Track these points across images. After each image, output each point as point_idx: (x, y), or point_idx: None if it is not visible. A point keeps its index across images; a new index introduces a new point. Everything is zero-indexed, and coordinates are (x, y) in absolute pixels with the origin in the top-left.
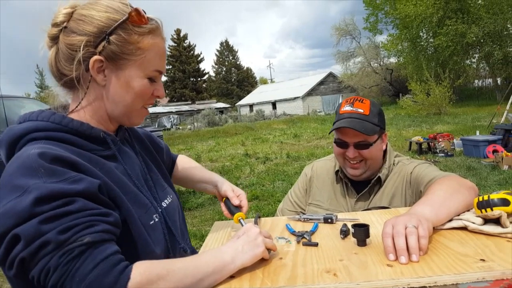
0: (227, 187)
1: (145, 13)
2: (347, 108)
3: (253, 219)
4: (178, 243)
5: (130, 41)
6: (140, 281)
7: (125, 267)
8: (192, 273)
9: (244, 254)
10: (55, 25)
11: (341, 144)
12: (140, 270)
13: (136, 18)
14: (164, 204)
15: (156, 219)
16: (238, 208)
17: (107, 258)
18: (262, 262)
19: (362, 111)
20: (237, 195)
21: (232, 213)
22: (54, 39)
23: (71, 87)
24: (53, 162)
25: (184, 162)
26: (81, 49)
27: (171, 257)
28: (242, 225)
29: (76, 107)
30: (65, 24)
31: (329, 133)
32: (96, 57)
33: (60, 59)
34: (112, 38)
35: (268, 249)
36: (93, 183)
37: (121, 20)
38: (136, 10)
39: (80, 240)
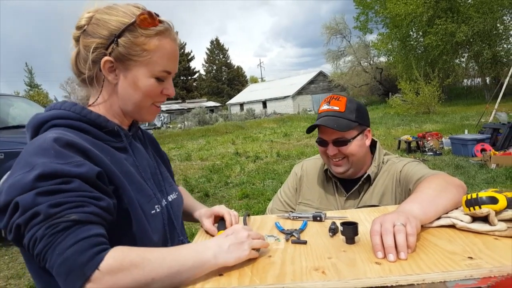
0: (210, 211)
1: (158, 16)
2: (324, 107)
3: (242, 217)
4: (178, 235)
5: (137, 43)
6: (112, 264)
7: (103, 250)
8: (169, 265)
9: (228, 254)
10: (78, 28)
11: (321, 142)
12: (115, 254)
13: (143, 21)
14: (170, 198)
15: (158, 210)
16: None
17: (88, 237)
18: (250, 260)
19: (337, 108)
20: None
21: (219, 229)
22: (77, 41)
23: (89, 84)
24: (65, 146)
25: (183, 192)
26: (91, 50)
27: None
28: None
29: (94, 102)
30: (85, 27)
31: (307, 133)
32: (106, 58)
33: (80, 59)
34: (120, 40)
35: (258, 249)
36: (93, 169)
37: (129, 23)
38: (145, 13)
39: (67, 217)
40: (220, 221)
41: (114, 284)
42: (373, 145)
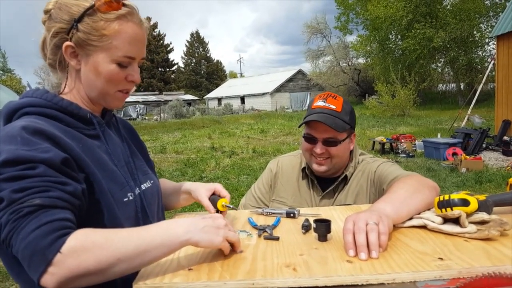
0: (209, 186)
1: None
2: (319, 103)
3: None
4: (150, 224)
5: (96, 27)
6: (74, 246)
7: (65, 234)
8: (135, 244)
9: (201, 233)
10: (45, 12)
11: (310, 139)
12: (77, 235)
13: (103, 5)
14: (143, 187)
15: (131, 198)
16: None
17: (51, 222)
18: (221, 255)
19: (334, 107)
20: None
21: (215, 203)
22: (44, 25)
23: (56, 69)
24: (33, 134)
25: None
26: (51, 34)
27: None
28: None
29: (64, 88)
30: (51, 11)
31: (299, 127)
32: (66, 43)
33: (46, 43)
34: (80, 25)
35: (231, 245)
36: (59, 154)
37: (87, 7)
38: None
39: (30, 201)
40: (213, 198)
41: (77, 266)
42: None
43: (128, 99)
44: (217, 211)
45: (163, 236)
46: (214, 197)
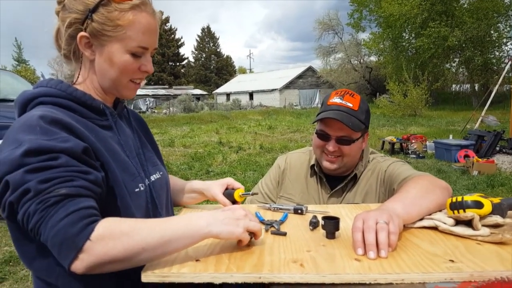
0: (221, 182)
1: None
2: (336, 100)
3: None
4: (160, 215)
5: (110, 18)
6: (102, 234)
7: (93, 221)
8: (160, 234)
9: (222, 225)
10: (58, 2)
11: (323, 136)
12: (105, 224)
13: None
14: (152, 178)
15: (142, 188)
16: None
17: (78, 210)
18: (228, 247)
19: (351, 105)
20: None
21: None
22: (58, 15)
23: (70, 60)
24: (50, 123)
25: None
26: (66, 25)
27: None
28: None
29: (77, 79)
30: (64, 1)
31: (313, 123)
32: (81, 33)
33: (60, 34)
34: (95, 15)
35: (251, 235)
36: (78, 144)
37: None
38: None
39: (56, 191)
40: (228, 192)
41: (106, 253)
42: None
43: (138, 92)
44: (234, 202)
45: (185, 228)
46: (229, 191)
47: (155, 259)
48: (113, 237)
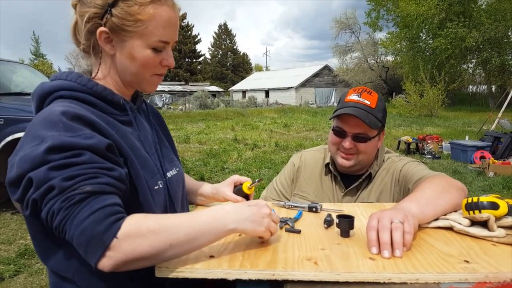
0: (228, 182)
1: None
2: (353, 97)
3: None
4: (175, 211)
5: (131, 12)
6: (129, 231)
7: (119, 219)
8: (186, 230)
9: (247, 222)
10: None
11: (340, 132)
12: (131, 221)
13: None
14: (168, 175)
15: (161, 185)
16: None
17: (103, 207)
18: (242, 244)
19: (369, 103)
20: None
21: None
22: (75, 9)
23: (89, 54)
24: (73, 119)
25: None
26: (85, 20)
27: None
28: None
29: (97, 73)
30: None
31: (330, 119)
32: (101, 28)
33: (78, 28)
34: (114, 10)
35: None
36: (102, 141)
37: None
38: None
39: (81, 189)
40: (237, 188)
41: (133, 250)
42: None
43: None
44: (245, 197)
45: (211, 224)
46: (238, 188)
47: (182, 255)
48: (140, 235)
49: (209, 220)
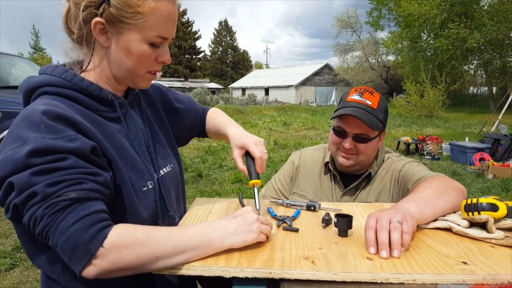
0: (249, 142)
1: None
2: (355, 97)
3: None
4: (167, 211)
5: (130, 4)
6: (116, 241)
7: (105, 226)
8: (174, 244)
9: (234, 236)
10: None
11: (340, 133)
12: (119, 231)
13: None
14: (161, 172)
15: (150, 186)
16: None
17: (89, 215)
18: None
19: (370, 103)
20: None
21: (250, 176)
22: None
23: (80, 44)
24: (54, 119)
25: (212, 118)
26: (81, 9)
27: (159, 224)
28: (254, 195)
29: (87, 66)
30: None
31: (331, 118)
32: (96, 19)
33: (71, 16)
34: (112, 0)
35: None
36: (87, 143)
37: None
38: None
39: (65, 195)
40: (248, 157)
41: (119, 260)
42: None
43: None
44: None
45: (199, 239)
46: (250, 163)
47: (168, 268)
48: (127, 245)
49: (197, 236)
